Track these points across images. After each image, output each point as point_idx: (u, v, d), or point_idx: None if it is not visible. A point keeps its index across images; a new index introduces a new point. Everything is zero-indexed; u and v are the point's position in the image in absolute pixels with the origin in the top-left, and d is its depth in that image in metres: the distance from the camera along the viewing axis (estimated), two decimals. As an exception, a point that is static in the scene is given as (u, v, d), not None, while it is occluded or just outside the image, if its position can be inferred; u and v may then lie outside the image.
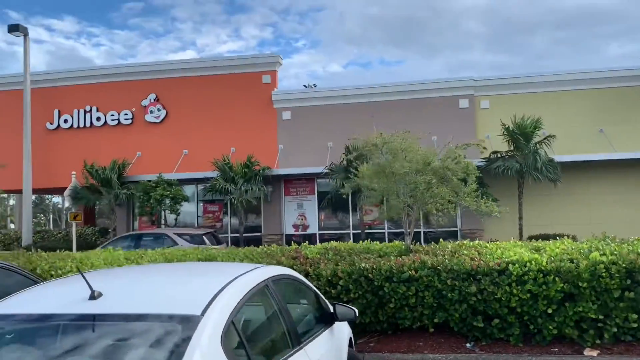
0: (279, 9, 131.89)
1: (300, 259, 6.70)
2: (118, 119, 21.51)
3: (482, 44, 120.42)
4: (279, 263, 6.38)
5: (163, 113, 21.27)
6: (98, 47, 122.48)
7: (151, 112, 21.33)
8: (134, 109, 21.48)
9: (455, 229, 19.35)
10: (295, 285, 3.91)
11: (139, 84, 21.42)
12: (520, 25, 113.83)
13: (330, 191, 18.05)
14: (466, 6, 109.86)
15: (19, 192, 25.72)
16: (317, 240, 19.20)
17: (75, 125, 21.80)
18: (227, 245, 16.87)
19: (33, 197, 24.24)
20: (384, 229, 19.42)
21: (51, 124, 22.02)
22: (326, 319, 3.97)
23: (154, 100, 21.34)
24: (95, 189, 19.09)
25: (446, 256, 6.40)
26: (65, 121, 21.89)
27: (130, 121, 21.47)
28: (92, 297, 2.45)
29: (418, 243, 9.07)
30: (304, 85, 27.03)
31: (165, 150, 20.89)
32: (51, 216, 62.47)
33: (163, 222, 19.05)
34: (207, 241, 16.59)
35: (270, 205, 20.25)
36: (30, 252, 9.85)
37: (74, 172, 19.52)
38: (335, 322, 4.03)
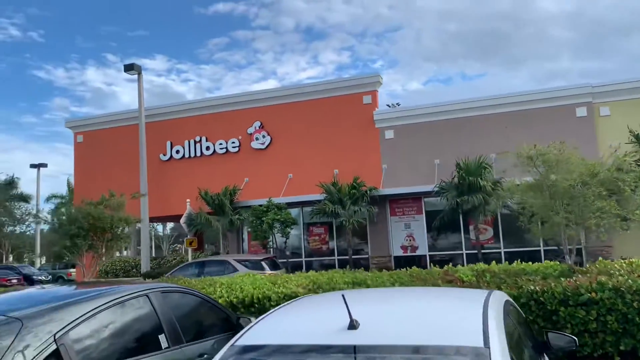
0: (355, 33, 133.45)
1: (457, 282, 6.33)
2: (226, 148, 22.32)
3: (570, 51, 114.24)
4: (451, 286, 6.07)
5: (268, 139, 21.81)
6: (187, 83, 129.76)
7: (257, 139, 21.94)
8: (240, 137, 22.21)
9: (579, 246, 17.97)
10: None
11: (244, 112, 22.16)
12: (612, 28, 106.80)
13: (444, 209, 17.48)
14: (551, 13, 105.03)
15: (138, 221, 27.36)
16: (428, 262, 18.61)
17: (186, 155, 22.89)
18: (288, 270, 16.64)
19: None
20: (499, 248, 18.47)
21: (164, 155, 23.26)
22: None
23: (259, 127, 21.96)
24: (209, 215, 19.77)
25: (625, 276, 5.77)
26: (177, 152, 23.05)
27: (237, 149, 22.20)
28: (352, 326, 2.25)
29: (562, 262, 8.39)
30: (387, 105, 26.89)
31: (271, 175, 21.32)
32: (153, 243, 66.25)
33: (274, 245, 19.30)
34: (266, 267, 17.03)
35: (376, 227, 19.95)
36: (166, 278, 10.23)
37: (188, 200, 20.40)
38: None
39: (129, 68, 22.05)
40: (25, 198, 37.58)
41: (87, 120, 24.83)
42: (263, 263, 17.11)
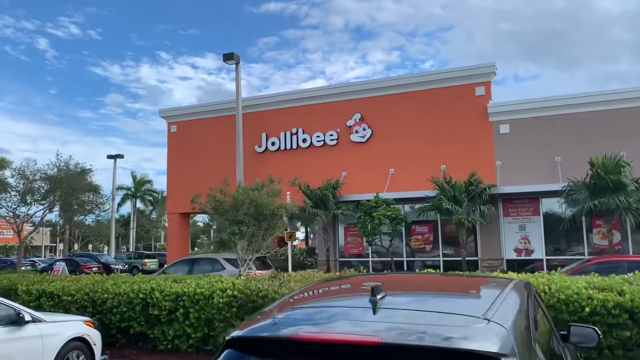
0: (405, 32, 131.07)
1: None
2: (324, 140, 21.58)
3: (631, 53, 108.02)
4: None
5: (368, 132, 20.91)
6: (234, 81, 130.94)
7: (356, 131, 21.09)
8: (338, 130, 21.41)
9: None
10: None
11: (344, 104, 21.35)
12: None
13: (572, 211, 16.08)
14: (611, 13, 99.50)
15: None
16: (545, 267, 17.23)
17: (282, 148, 22.31)
18: (279, 270, 16.23)
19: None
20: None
21: (259, 146, 22.77)
22: None
23: (359, 120, 21.09)
24: (310, 209, 19.06)
25: None
26: (273, 144, 22.51)
27: (335, 142, 21.42)
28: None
29: None
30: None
31: (371, 170, 20.42)
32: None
33: (378, 243, 18.36)
34: (253, 267, 17.03)
35: (487, 227, 18.67)
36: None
37: (288, 193, 19.72)
38: None
39: (228, 57, 21.62)
40: (95, 188, 38.06)
41: (182, 110, 24.66)
42: (251, 263, 17.89)
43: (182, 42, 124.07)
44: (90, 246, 79.30)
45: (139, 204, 70.40)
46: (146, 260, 41.12)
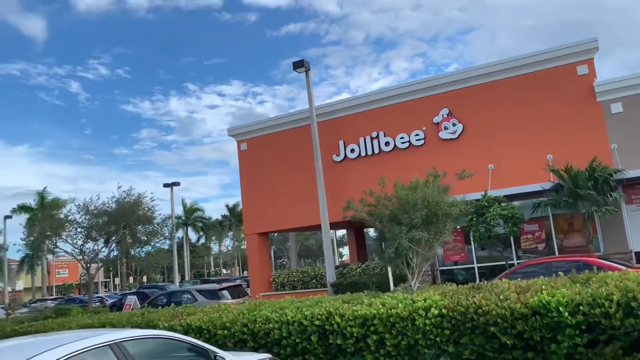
0: (426, 38, 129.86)
1: None
2: (409, 141, 20.13)
3: None
4: None
5: (459, 127, 19.36)
6: (262, 104, 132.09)
7: (445, 128, 19.57)
8: (424, 128, 19.95)
9: None
10: None
11: (428, 100, 19.90)
12: None
13: None
14: None
15: (314, 227, 25.90)
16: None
17: (362, 154, 20.97)
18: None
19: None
20: None
21: (337, 155, 21.49)
22: None
23: (447, 115, 19.58)
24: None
25: None
26: (352, 151, 21.19)
27: (422, 141, 19.94)
28: None
29: None
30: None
31: (465, 168, 18.75)
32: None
33: (489, 246, 16.71)
34: (226, 295, 17.89)
35: (608, 218, 16.80)
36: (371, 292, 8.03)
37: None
38: None
39: (297, 65, 20.48)
40: (149, 218, 37.19)
41: (251, 126, 23.65)
42: (224, 292, 18.20)
43: (207, 72, 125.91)
44: (144, 278, 79.66)
45: (190, 232, 70.37)
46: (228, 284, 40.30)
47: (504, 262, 16.95)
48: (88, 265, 33.05)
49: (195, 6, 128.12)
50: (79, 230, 32.16)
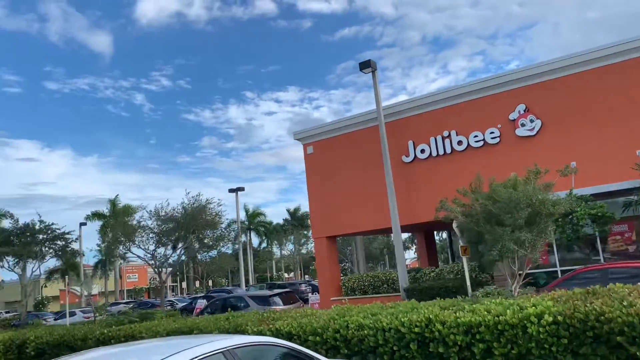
0: (486, 36, 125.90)
1: None
2: (483, 139, 19.34)
3: None
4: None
5: (538, 124, 18.39)
6: (318, 109, 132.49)
7: (522, 125, 18.65)
8: (499, 126, 19.10)
9: None
10: None
11: (502, 97, 19.05)
12: None
13: None
14: None
15: (383, 231, 25.51)
16: None
17: (433, 154, 20.33)
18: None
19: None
20: None
21: (406, 156, 20.96)
22: None
23: (524, 111, 18.65)
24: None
25: None
26: (422, 151, 20.61)
27: (497, 139, 19.10)
28: None
29: None
30: None
31: (546, 165, 17.80)
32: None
33: (576, 249, 15.71)
34: (278, 302, 18.21)
35: None
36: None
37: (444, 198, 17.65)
38: None
39: (364, 66, 20.21)
40: (215, 224, 37.55)
41: (317, 129, 23.53)
42: (275, 298, 18.47)
43: (264, 79, 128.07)
44: (210, 282, 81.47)
45: (253, 236, 71.33)
46: (284, 290, 40.45)
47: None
48: (159, 270, 33.99)
49: (251, 15, 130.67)
50: (150, 235, 33.17)
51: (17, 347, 10.55)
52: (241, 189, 45.97)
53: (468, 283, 16.73)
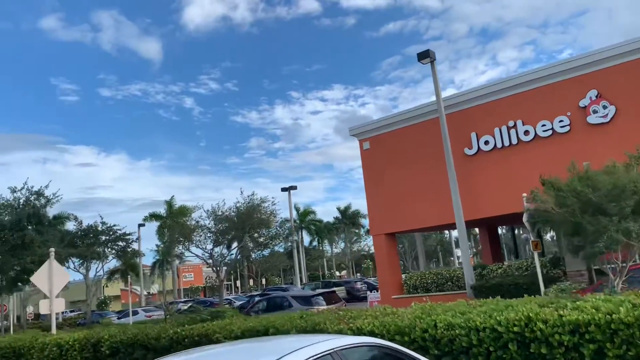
0: (536, 25, 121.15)
1: None
2: (552, 128, 18.39)
3: None
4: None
5: (612, 110, 17.31)
6: (364, 106, 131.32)
7: (594, 112, 17.60)
8: (569, 113, 18.11)
9: None
10: None
11: (572, 82, 18.05)
12: None
13: None
14: None
15: (445, 227, 24.89)
16: None
17: (498, 145, 19.51)
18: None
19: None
20: None
21: (469, 149, 20.22)
22: None
23: (596, 97, 17.60)
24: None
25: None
26: (486, 143, 19.82)
27: (567, 128, 18.12)
28: None
29: None
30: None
31: (622, 153, 16.71)
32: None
33: None
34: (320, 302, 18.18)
35: None
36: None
37: (524, 194, 16.83)
38: None
39: (422, 56, 19.57)
40: (270, 222, 37.55)
41: (374, 124, 23.10)
42: (318, 299, 18.50)
43: (309, 78, 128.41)
44: (263, 280, 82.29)
45: (304, 235, 71.53)
46: (335, 288, 40.26)
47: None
48: (218, 268, 34.35)
49: (295, 15, 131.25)
50: (208, 235, 33.60)
51: (92, 346, 10.66)
52: (293, 187, 45.96)
53: (540, 279, 15.93)
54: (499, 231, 31.21)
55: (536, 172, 17.58)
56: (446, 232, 53.45)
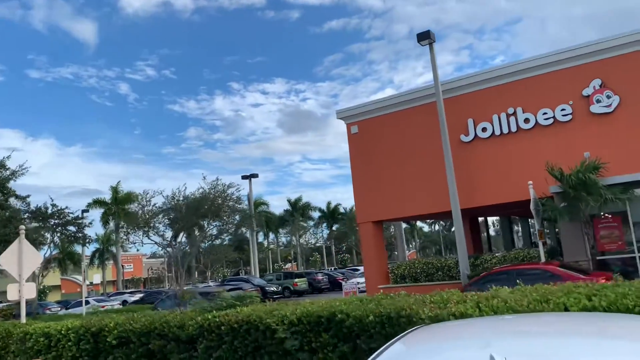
0: (473, 30, 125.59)
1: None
2: (553, 117, 18.06)
3: None
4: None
5: (615, 100, 17.14)
6: (305, 101, 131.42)
7: (598, 101, 17.39)
8: (571, 102, 17.84)
9: None
10: None
11: (576, 70, 17.77)
12: None
13: None
14: None
15: (438, 215, 24.23)
16: None
17: (497, 133, 19.03)
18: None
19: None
20: None
21: (465, 135, 19.64)
22: None
23: (600, 86, 17.39)
24: (569, 197, 15.62)
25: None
26: (484, 130, 19.29)
27: (569, 117, 17.83)
28: None
29: None
30: None
31: (625, 144, 16.66)
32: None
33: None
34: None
35: None
36: None
37: (530, 182, 16.43)
38: None
39: (422, 37, 18.87)
40: (217, 212, 35.82)
41: (364, 107, 22.11)
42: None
43: (250, 70, 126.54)
44: (208, 272, 79.87)
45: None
46: (296, 280, 39.25)
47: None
48: (177, 258, 32.37)
49: (238, 5, 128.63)
50: (166, 222, 31.58)
51: (93, 336, 9.13)
52: (255, 175, 44.57)
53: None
54: (488, 222, 31.13)
55: (536, 161, 17.27)
56: (392, 227, 53.13)
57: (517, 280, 7.08)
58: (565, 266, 13.33)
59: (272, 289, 34.81)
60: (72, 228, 31.60)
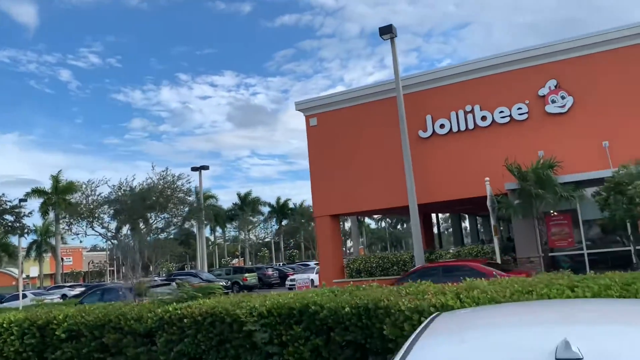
0: (422, 33, 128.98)
1: None
2: (510, 115, 18.39)
3: None
4: None
5: (569, 101, 17.62)
6: (255, 96, 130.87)
7: (553, 101, 17.83)
8: (527, 101, 18.21)
9: None
10: None
11: (533, 71, 18.15)
12: None
13: None
14: None
15: (394, 210, 24.17)
16: None
17: (454, 129, 19.22)
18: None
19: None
20: None
21: (424, 131, 19.74)
22: None
23: (555, 87, 17.84)
24: (524, 194, 15.92)
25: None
26: (442, 126, 19.44)
27: (525, 116, 18.20)
28: None
29: None
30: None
31: (578, 144, 17.15)
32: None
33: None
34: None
35: None
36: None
37: (487, 178, 16.65)
38: None
39: (384, 31, 18.78)
40: (162, 205, 34.97)
41: (323, 99, 21.86)
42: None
43: (199, 62, 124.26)
44: (152, 267, 77.78)
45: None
46: (246, 275, 38.62)
47: (628, 248, 15.32)
48: (131, 248, 31.14)
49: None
50: (111, 212, 30.27)
51: (39, 329, 8.45)
52: (205, 167, 43.54)
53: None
54: (439, 218, 31.52)
55: (493, 158, 17.55)
56: (344, 222, 53.45)
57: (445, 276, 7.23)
58: (490, 264, 13.74)
59: (222, 283, 34.05)
60: (9, 217, 29.87)
